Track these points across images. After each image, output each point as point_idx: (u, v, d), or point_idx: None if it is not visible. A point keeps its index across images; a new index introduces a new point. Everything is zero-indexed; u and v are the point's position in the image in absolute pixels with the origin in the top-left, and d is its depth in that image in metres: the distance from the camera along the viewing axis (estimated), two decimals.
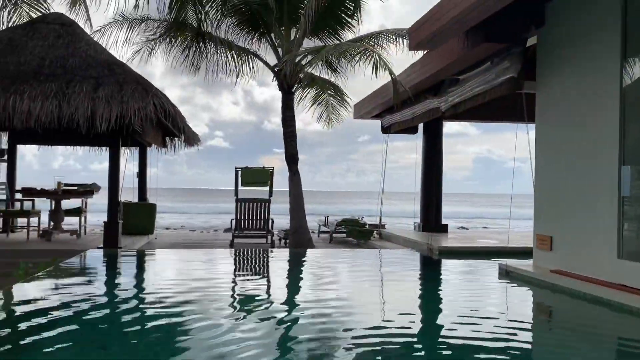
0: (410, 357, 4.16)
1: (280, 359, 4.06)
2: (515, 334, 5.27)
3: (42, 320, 5.17)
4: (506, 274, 8.12)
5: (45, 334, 4.70)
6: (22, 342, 4.46)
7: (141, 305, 5.99)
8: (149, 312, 5.58)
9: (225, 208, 13.43)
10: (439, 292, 7.64)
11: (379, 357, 4.25)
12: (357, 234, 13.75)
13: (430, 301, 6.89)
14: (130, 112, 9.54)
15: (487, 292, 7.57)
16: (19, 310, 5.62)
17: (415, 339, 4.81)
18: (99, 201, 12.30)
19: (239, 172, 12.46)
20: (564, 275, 7.20)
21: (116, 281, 7.88)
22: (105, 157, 10.87)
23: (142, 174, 14.28)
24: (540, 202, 8.27)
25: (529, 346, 5.01)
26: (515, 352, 4.60)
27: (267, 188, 12.59)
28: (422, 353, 4.55)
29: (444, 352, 4.48)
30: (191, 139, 12.52)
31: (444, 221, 14.79)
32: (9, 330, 4.79)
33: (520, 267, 8.01)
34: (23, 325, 5.01)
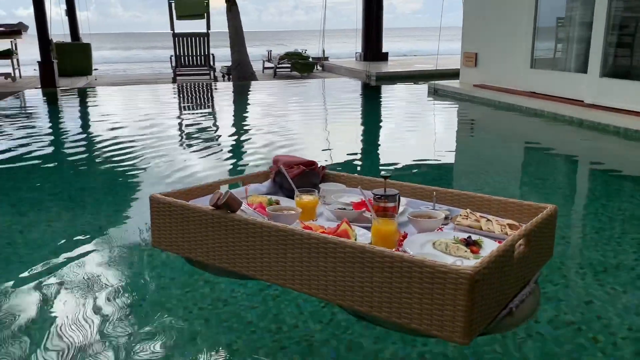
0: (353, 170, 4.67)
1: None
2: (443, 142, 5.92)
3: None
4: (434, 92, 8.70)
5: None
6: None
7: (92, 143, 6.21)
8: (101, 148, 5.78)
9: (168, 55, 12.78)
10: (375, 113, 8.19)
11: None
12: (300, 66, 13.87)
13: (368, 123, 7.42)
14: None
15: (417, 109, 8.17)
16: None
17: (358, 157, 5.30)
18: (30, 51, 11.76)
19: (173, 4, 11.99)
20: (485, 89, 7.81)
21: (61, 119, 7.99)
22: (30, 2, 10.19)
23: (71, 12, 13.53)
24: (468, 21, 8.59)
25: (461, 151, 5.57)
26: (451, 158, 5.17)
27: (204, 21, 12.27)
28: (365, 166, 5.10)
29: (386, 166, 4.96)
30: None
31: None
32: None
33: (447, 85, 8.58)
34: None
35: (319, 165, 2.73)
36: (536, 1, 6.94)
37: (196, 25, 12.45)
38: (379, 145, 5.74)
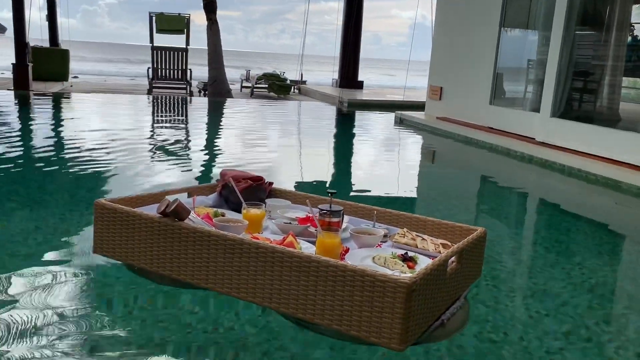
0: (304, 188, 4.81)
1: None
2: (401, 169, 6.14)
3: None
4: (400, 121, 9.00)
5: None
6: None
7: (57, 146, 6.25)
8: (66, 152, 5.85)
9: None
10: (340, 137, 8.42)
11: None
12: (277, 88, 14.10)
13: (330, 146, 7.62)
14: None
15: (381, 137, 8.43)
16: None
17: (313, 176, 5.47)
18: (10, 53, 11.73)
19: (154, 18, 12.17)
20: (447, 121, 8.12)
21: (29, 121, 8.00)
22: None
23: (52, 18, 13.60)
24: (435, 56, 8.96)
25: (415, 178, 5.76)
26: (405, 185, 5.35)
27: (184, 37, 12.46)
28: (317, 186, 5.27)
29: (340, 187, 5.06)
30: None
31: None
32: None
33: (412, 115, 8.88)
34: None
35: (265, 181, 2.87)
36: (498, 42, 7.33)
37: (176, 40, 12.65)
38: (337, 167, 5.94)
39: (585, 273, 2.98)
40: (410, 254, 2.19)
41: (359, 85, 15.09)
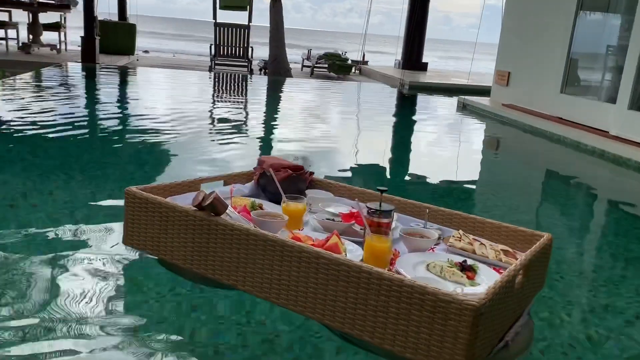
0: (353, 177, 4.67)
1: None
2: (459, 158, 5.85)
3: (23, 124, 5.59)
4: (463, 107, 8.61)
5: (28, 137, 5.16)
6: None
7: (116, 119, 6.37)
8: (124, 126, 5.94)
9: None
10: (398, 122, 8.15)
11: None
12: (337, 68, 13.93)
13: (386, 131, 7.38)
14: None
15: (441, 122, 8.10)
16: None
17: (363, 164, 5.32)
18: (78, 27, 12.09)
19: None
20: (513, 109, 7.68)
21: (93, 93, 8.22)
22: None
23: None
24: (505, 39, 8.47)
25: (475, 169, 5.45)
26: (464, 176, 5.10)
27: (247, 14, 12.42)
28: (368, 175, 5.12)
29: (394, 177, 4.92)
30: None
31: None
32: None
33: (476, 101, 8.47)
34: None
35: (306, 171, 2.59)
36: (573, 27, 6.80)
37: (239, 17, 12.63)
38: (391, 153, 5.72)
39: None
40: (469, 261, 1.92)
41: (423, 67, 14.63)
